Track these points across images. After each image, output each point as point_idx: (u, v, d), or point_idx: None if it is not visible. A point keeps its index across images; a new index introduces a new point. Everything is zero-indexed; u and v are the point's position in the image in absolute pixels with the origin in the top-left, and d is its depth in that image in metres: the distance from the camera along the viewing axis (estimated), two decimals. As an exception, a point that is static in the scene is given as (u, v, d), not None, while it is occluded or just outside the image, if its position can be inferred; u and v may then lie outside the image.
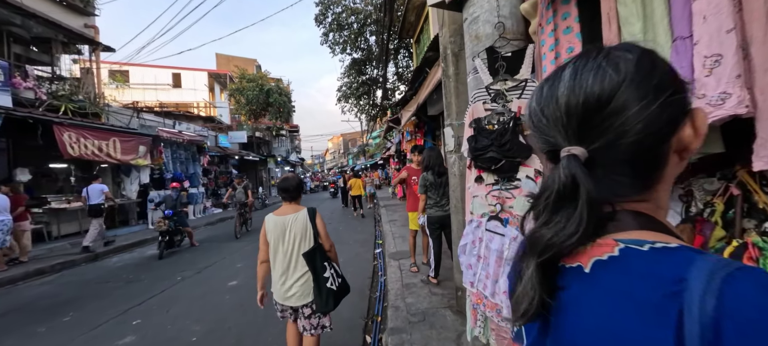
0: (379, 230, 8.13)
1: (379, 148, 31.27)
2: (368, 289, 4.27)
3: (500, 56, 1.99)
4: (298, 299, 2.08)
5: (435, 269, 3.72)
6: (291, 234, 2.07)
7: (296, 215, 2.10)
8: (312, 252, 2.05)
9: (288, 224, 2.08)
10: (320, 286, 2.04)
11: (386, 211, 10.43)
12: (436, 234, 3.72)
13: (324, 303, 2.04)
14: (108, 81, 18.29)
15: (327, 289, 2.04)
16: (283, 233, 2.08)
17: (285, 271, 2.09)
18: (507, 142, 1.82)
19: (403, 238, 6.37)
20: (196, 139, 13.02)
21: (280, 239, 2.08)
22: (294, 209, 2.15)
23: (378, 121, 26.58)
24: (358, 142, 47.72)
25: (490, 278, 1.89)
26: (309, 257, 2.04)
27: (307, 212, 2.14)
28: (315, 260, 2.06)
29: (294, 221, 2.08)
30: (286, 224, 2.08)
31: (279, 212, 2.14)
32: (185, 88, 23.96)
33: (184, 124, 15.62)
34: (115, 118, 10.21)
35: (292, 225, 2.08)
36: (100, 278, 5.57)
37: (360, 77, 14.32)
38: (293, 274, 2.08)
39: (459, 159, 2.84)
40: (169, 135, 11.04)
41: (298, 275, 2.07)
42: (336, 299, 2.09)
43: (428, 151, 3.82)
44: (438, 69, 4.94)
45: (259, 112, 21.22)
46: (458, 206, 2.86)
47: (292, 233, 2.07)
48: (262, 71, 22.62)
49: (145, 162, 9.68)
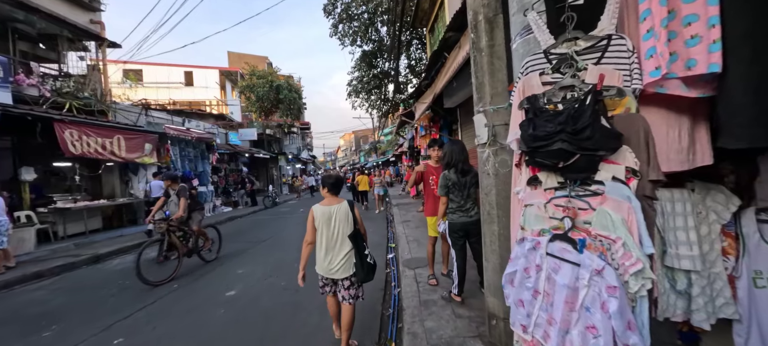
0: (392, 232, 7.58)
1: (391, 145, 30.69)
2: (380, 304, 3.73)
3: (567, 5, 1.38)
4: (341, 272, 2.50)
5: (458, 284, 3.14)
6: (336, 221, 2.50)
7: (339, 205, 2.55)
8: (355, 233, 2.53)
9: (334, 212, 2.51)
10: (362, 261, 2.50)
11: (399, 210, 9.87)
12: (459, 244, 3.13)
13: (365, 274, 2.52)
14: (121, 80, 18.45)
15: (367, 263, 2.53)
16: (329, 220, 2.50)
17: (330, 250, 2.50)
18: (584, 127, 1.23)
19: (419, 242, 5.81)
20: (205, 136, 12.77)
21: (326, 225, 2.50)
22: (337, 200, 2.59)
23: (390, 116, 26.00)
24: (370, 139, 47.29)
25: (555, 326, 1.30)
26: (353, 237, 2.50)
27: (347, 203, 2.58)
28: (358, 240, 2.52)
29: (338, 210, 2.53)
30: (332, 213, 2.51)
31: (324, 203, 2.57)
32: (197, 86, 24.00)
33: (193, 121, 15.49)
34: (122, 116, 10.02)
35: (337, 213, 2.52)
36: (96, 284, 5.25)
37: (371, 71, 13.74)
38: (338, 253, 2.50)
39: (493, 154, 2.25)
40: (176, 132, 10.79)
41: (342, 253, 2.49)
42: (373, 272, 2.59)
43: (450, 145, 3.22)
44: (459, 51, 4.33)
45: (269, 109, 20.98)
46: (493, 213, 2.27)
47: (337, 220, 2.51)
48: (272, 68, 22.33)
49: (152, 160, 9.44)
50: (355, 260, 2.50)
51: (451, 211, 3.15)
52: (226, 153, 15.65)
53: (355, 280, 2.55)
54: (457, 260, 3.14)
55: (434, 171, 3.76)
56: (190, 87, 23.92)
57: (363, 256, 2.51)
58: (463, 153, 3.15)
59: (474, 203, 3.17)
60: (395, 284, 4.26)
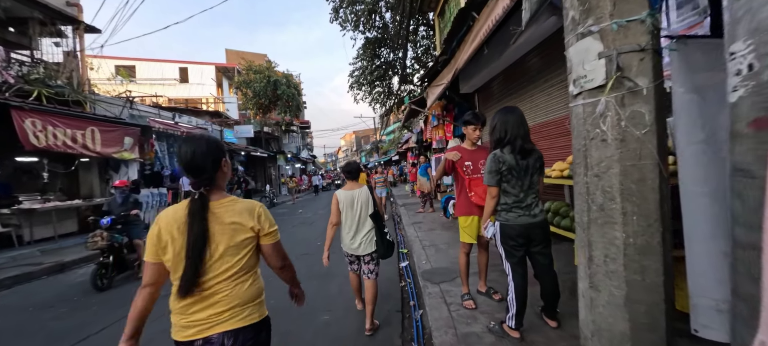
0: (401, 235, 6.62)
1: (393, 145, 29.76)
2: (399, 335, 2.77)
3: None
4: (364, 249, 2.74)
5: (516, 315, 2.18)
6: (358, 203, 2.77)
7: (360, 190, 2.82)
8: (376, 213, 2.79)
9: (356, 196, 2.78)
10: (383, 238, 2.75)
11: (406, 211, 8.91)
12: (517, 256, 2.18)
13: (386, 250, 2.77)
14: (112, 75, 17.56)
15: (387, 240, 2.77)
16: (352, 203, 2.77)
17: (354, 230, 2.76)
18: None
19: (437, 248, 4.84)
20: (196, 131, 11.83)
21: (350, 207, 2.76)
22: (357, 185, 2.86)
23: (393, 114, 25.04)
24: (371, 139, 46.38)
25: None
26: (374, 217, 2.77)
27: (367, 188, 2.88)
28: (378, 219, 2.79)
29: (360, 194, 2.79)
30: (354, 196, 2.78)
31: (346, 188, 2.83)
32: (192, 82, 23.10)
33: (184, 117, 14.58)
34: (103, 109, 9.10)
35: (359, 197, 2.78)
36: (46, 301, 4.30)
37: (374, 62, 12.80)
38: (360, 231, 2.75)
39: (618, 104, 1.29)
40: (162, 126, 9.86)
41: (364, 232, 2.75)
42: (392, 249, 2.82)
43: (504, 114, 2.25)
44: (492, 9, 3.37)
45: (267, 106, 20.05)
46: (611, 208, 1.31)
47: (359, 203, 2.77)
48: (270, 63, 21.40)
49: (133, 156, 8.51)
50: (376, 238, 2.74)
51: (504, 208, 2.20)
52: (220, 151, 14.71)
53: (376, 256, 2.78)
54: (514, 279, 2.18)
55: (470, 155, 2.81)
56: (185, 84, 23.01)
57: (383, 234, 2.76)
58: (522, 125, 2.19)
59: (537, 196, 2.22)
60: (415, 303, 3.30)
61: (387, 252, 2.75)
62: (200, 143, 1.19)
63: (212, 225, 1.13)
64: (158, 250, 1.14)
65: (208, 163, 1.17)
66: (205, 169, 1.17)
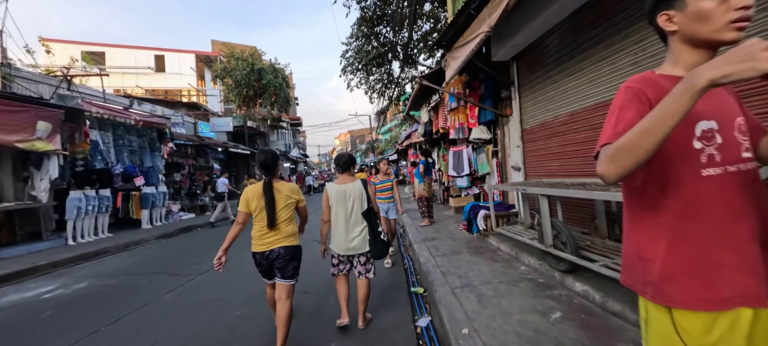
0: (410, 260, 4.68)
1: (390, 143, 27.86)
2: None
3: None
4: (358, 248, 2.59)
5: None
6: (351, 199, 2.60)
7: (353, 184, 2.64)
8: (369, 210, 2.63)
9: (348, 190, 2.61)
10: (376, 237, 2.61)
11: (412, 221, 6.98)
12: None
13: (379, 250, 2.61)
14: (72, 61, 15.34)
15: (381, 240, 2.62)
16: (344, 198, 2.60)
17: (348, 227, 2.59)
18: None
19: (476, 290, 2.89)
20: (155, 121, 9.76)
21: (342, 203, 2.60)
22: (350, 179, 2.69)
23: (390, 112, 23.11)
24: (367, 139, 44.45)
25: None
26: (367, 214, 2.61)
27: (360, 182, 2.66)
28: (371, 217, 2.63)
29: (352, 188, 2.62)
30: (346, 191, 2.61)
31: (338, 182, 2.66)
32: (170, 72, 20.94)
33: (147, 105, 12.47)
34: (24, 88, 7.03)
35: (351, 191, 2.61)
36: None
37: (371, 43, 10.88)
38: (353, 229, 2.59)
39: None
40: (105, 112, 7.77)
41: (358, 229, 2.59)
42: (386, 248, 2.67)
43: None
44: None
45: (252, 98, 17.96)
46: None
47: (352, 198, 2.60)
48: (257, 50, 19.30)
49: (50, 146, 6.44)
50: (369, 237, 2.60)
51: None
52: (191, 145, 12.61)
53: (370, 256, 2.66)
54: None
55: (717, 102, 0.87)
56: (162, 73, 20.84)
57: (377, 233, 2.61)
58: None
59: None
60: None
61: (381, 252, 2.64)
62: (269, 154, 2.39)
63: (276, 195, 2.30)
64: (245, 205, 2.30)
65: (272, 164, 2.38)
66: (271, 168, 2.37)
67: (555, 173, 4.33)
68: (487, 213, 4.62)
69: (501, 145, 5.82)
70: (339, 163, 2.71)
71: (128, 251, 7.02)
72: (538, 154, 4.72)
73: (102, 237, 7.85)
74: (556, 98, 4.18)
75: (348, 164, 2.71)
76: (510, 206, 4.90)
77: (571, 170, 4.02)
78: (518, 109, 5.08)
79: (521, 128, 5.08)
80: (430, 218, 6.64)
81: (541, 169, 4.70)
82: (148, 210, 9.28)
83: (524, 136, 5.05)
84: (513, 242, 4.14)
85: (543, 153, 4.59)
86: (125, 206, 9.16)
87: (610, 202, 3.19)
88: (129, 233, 8.38)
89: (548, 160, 4.48)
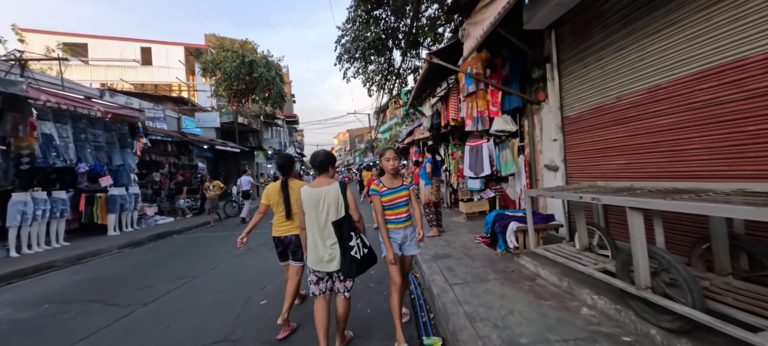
0: (416, 283, 3.54)
1: (391, 143, 26.77)
2: None
3: None
4: (335, 264, 2.15)
5: None
6: (325, 204, 2.18)
7: (329, 187, 2.21)
8: (340, 221, 2.15)
9: (322, 195, 2.19)
10: (345, 253, 2.14)
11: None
12: None
13: (347, 268, 2.14)
14: (49, 51, 14.18)
15: (350, 256, 2.12)
16: (317, 204, 2.19)
17: (320, 238, 2.18)
18: None
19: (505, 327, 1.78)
20: (126, 113, 8.62)
21: (314, 209, 2.19)
22: (327, 181, 2.27)
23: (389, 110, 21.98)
24: (366, 138, 43.37)
25: None
26: (337, 225, 2.14)
27: (338, 184, 2.23)
28: (342, 228, 2.14)
29: (327, 192, 2.19)
30: (320, 195, 2.19)
31: (313, 185, 2.26)
32: (157, 65, 19.74)
33: (121, 97, 11.33)
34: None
35: (326, 196, 2.18)
36: None
37: (369, 30, 9.75)
38: (326, 240, 2.17)
39: None
40: (54, 99, 6.60)
41: (331, 241, 2.16)
42: (359, 267, 2.14)
43: None
44: None
45: (243, 92, 16.78)
46: None
47: (326, 204, 2.18)
48: (250, 43, 18.09)
49: (-22, 140, 5.28)
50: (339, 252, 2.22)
51: None
52: (170, 142, 11.45)
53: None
54: None
55: None
56: (148, 67, 19.65)
57: (347, 248, 2.13)
58: None
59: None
60: None
61: (349, 270, 2.12)
62: (286, 158, 2.92)
63: (290, 191, 2.74)
64: (267, 198, 2.83)
65: (289, 166, 2.88)
66: (287, 169, 2.87)
67: (617, 175, 3.21)
68: (521, 226, 3.50)
69: (529, 138, 4.70)
70: (315, 164, 2.34)
71: (81, 264, 5.88)
72: (588, 149, 3.60)
73: (56, 247, 6.71)
74: (621, 70, 3.06)
75: (325, 164, 2.31)
76: (548, 217, 3.78)
77: (646, 171, 2.91)
78: (557, 92, 3.95)
79: (561, 116, 3.95)
80: (439, 227, 5.53)
81: (591, 169, 3.58)
82: (115, 214, 8.13)
83: (565, 127, 3.93)
84: (560, 267, 3.02)
85: (596, 148, 3.48)
86: (89, 210, 8.01)
87: (732, 220, 2.07)
88: (90, 241, 7.23)
89: (605, 158, 3.36)
